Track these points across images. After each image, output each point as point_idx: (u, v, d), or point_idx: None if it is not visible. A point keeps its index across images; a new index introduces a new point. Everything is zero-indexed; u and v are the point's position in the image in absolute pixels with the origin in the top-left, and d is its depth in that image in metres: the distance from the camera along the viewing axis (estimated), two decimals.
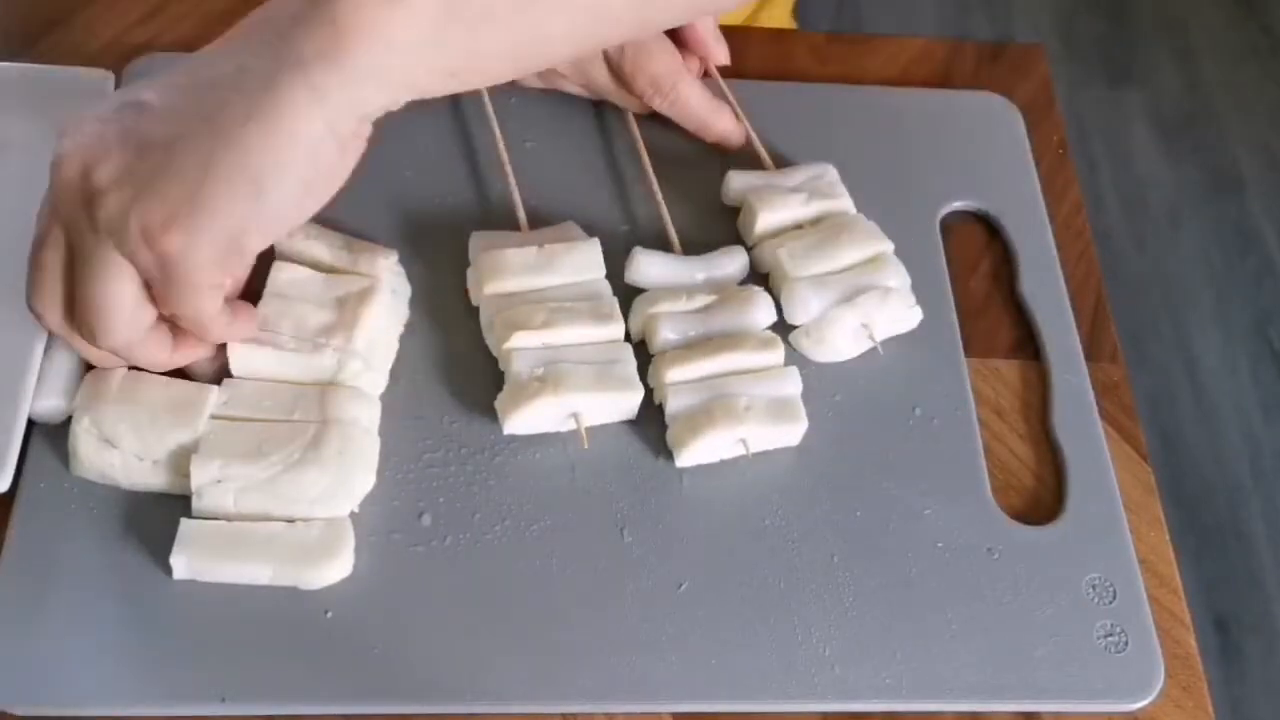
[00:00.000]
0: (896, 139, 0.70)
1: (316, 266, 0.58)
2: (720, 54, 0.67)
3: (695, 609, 0.54)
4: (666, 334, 0.58)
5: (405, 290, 0.60)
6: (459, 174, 0.65)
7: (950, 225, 0.68)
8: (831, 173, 0.65)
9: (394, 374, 0.58)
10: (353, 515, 0.54)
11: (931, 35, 0.78)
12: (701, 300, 0.60)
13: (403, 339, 0.59)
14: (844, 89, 0.72)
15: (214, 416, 0.53)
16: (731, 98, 0.67)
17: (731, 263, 0.62)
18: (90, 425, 0.53)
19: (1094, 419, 0.62)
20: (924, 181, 0.69)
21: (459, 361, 0.59)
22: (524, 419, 0.56)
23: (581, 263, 0.60)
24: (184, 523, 0.51)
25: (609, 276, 0.60)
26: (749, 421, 0.56)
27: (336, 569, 0.52)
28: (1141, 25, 2.02)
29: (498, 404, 0.56)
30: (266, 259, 0.58)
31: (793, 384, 0.58)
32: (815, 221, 0.63)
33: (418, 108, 0.50)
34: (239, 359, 0.55)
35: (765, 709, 0.53)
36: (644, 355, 0.59)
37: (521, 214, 0.62)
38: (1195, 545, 1.53)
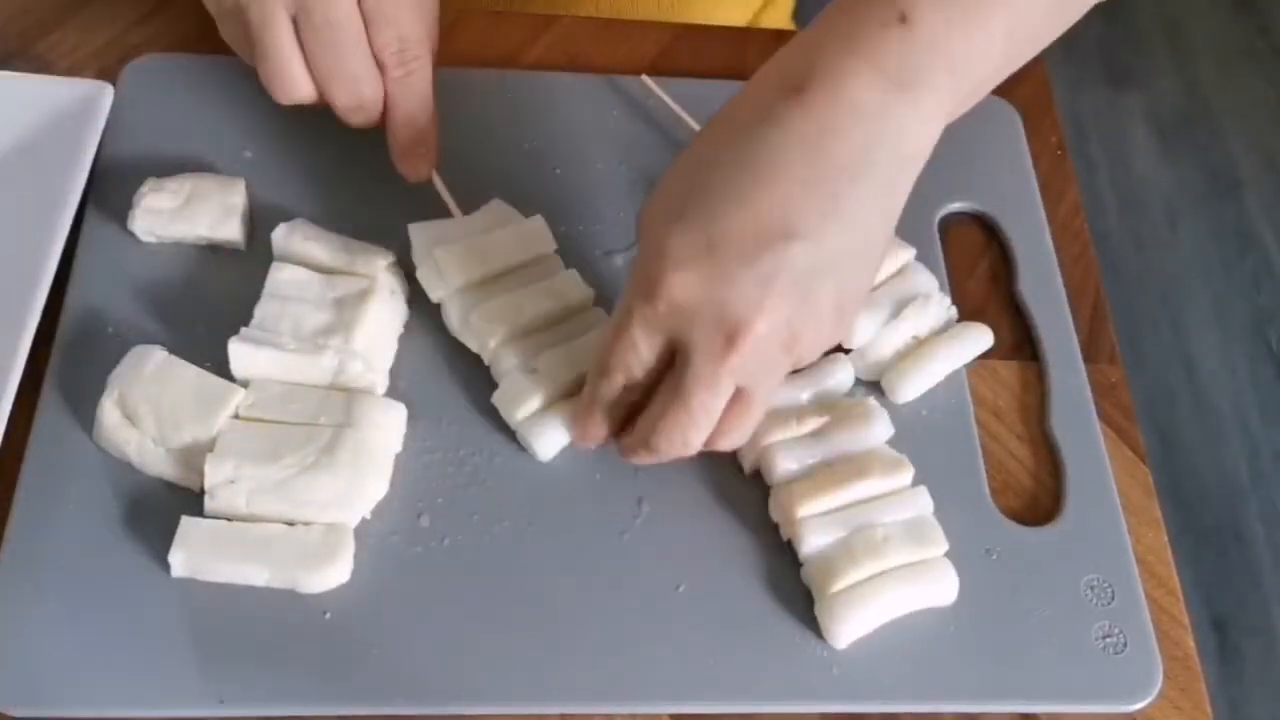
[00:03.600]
0: None
1: (314, 267, 0.58)
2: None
3: (694, 609, 0.54)
4: (786, 464, 0.56)
5: (403, 290, 0.60)
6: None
7: (948, 226, 0.68)
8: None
9: (392, 374, 0.58)
10: (363, 521, 0.54)
11: None
12: (813, 422, 0.57)
13: (401, 339, 0.59)
14: None
15: (238, 416, 0.54)
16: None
17: (836, 374, 0.59)
18: (118, 399, 0.53)
19: (1092, 420, 0.62)
20: (922, 182, 0.68)
21: (457, 362, 0.59)
22: (526, 411, 0.56)
23: (524, 237, 0.60)
24: (184, 521, 0.51)
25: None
26: (889, 553, 0.53)
27: (334, 574, 0.52)
28: (1140, 27, 2.02)
29: (495, 399, 0.57)
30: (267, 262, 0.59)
31: (925, 504, 0.56)
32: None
33: None
34: (240, 360, 0.55)
35: (765, 709, 0.53)
36: (761, 487, 0.57)
37: (451, 201, 0.61)
38: (1193, 546, 1.53)
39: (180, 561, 0.51)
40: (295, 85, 0.57)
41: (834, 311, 0.50)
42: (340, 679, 0.51)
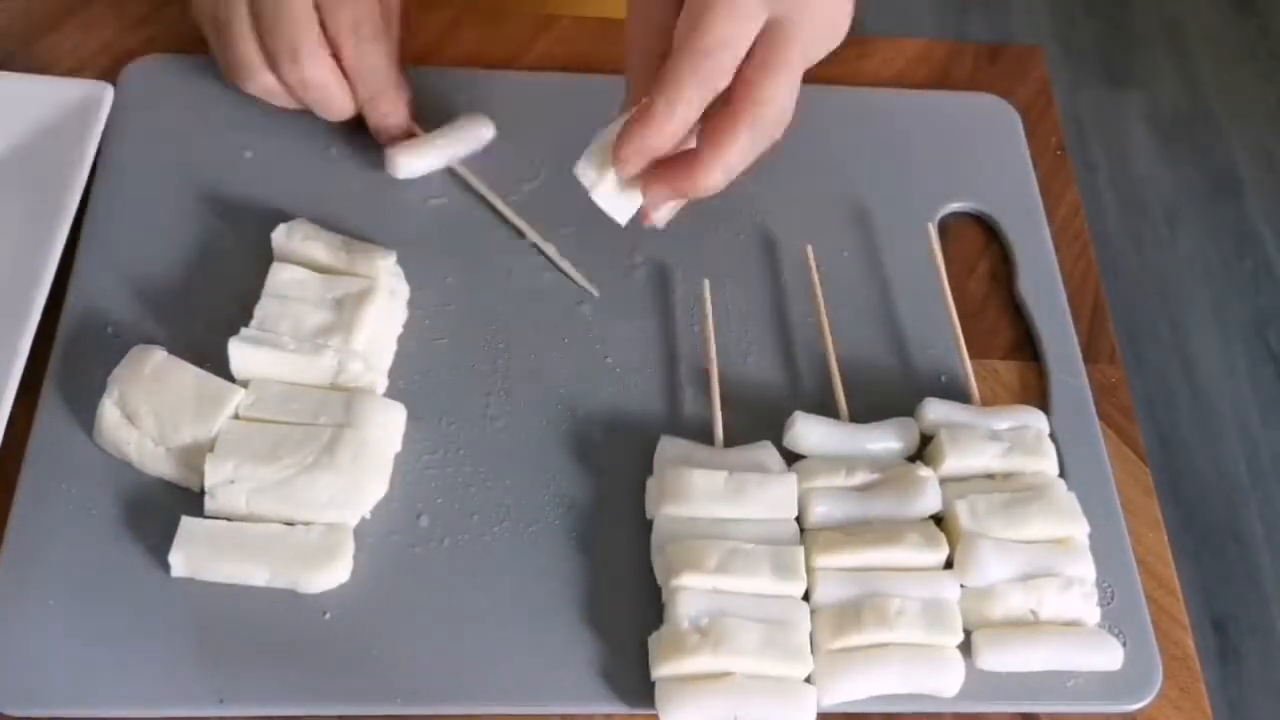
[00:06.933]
0: (895, 140, 0.70)
1: (315, 267, 0.58)
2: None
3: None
4: (823, 510, 0.55)
5: (403, 291, 0.60)
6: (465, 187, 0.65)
7: (948, 226, 0.68)
8: (1040, 423, 0.59)
9: (392, 374, 0.58)
10: (363, 521, 0.54)
11: (930, 37, 0.78)
12: (863, 477, 0.56)
13: (401, 339, 0.59)
14: (842, 90, 0.72)
15: (237, 416, 0.54)
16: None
17: (901, 436, 0.58)
18: (119, 399, 0.53)
19: (1092, 420, 0.62)
20: (922, 182, 0.69)
21: (456, 362, 0.59)
22: (675, 670, 0.50)
23: (773, 499, 0.54)
24: (184, 521, 0.51)
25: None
26: (899, 627, 0.51)
27: (335, 574, 0.52)
28: (1140, 27, 2.02)
29: (651, 641, 0.52)
30: (267, 261, 0.59)
31: (950, 590, 0.53)
32: (1008, 475, 0.57)
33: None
34: (240, 360, 0.55)
35: None
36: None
37: (719, 431, 0.58)
38: (1193, 546, 1.53)
39: (180, 561, 0.51)
40: (252, 68, 0.60)
41: None
42: (340, 679, 0.51)
